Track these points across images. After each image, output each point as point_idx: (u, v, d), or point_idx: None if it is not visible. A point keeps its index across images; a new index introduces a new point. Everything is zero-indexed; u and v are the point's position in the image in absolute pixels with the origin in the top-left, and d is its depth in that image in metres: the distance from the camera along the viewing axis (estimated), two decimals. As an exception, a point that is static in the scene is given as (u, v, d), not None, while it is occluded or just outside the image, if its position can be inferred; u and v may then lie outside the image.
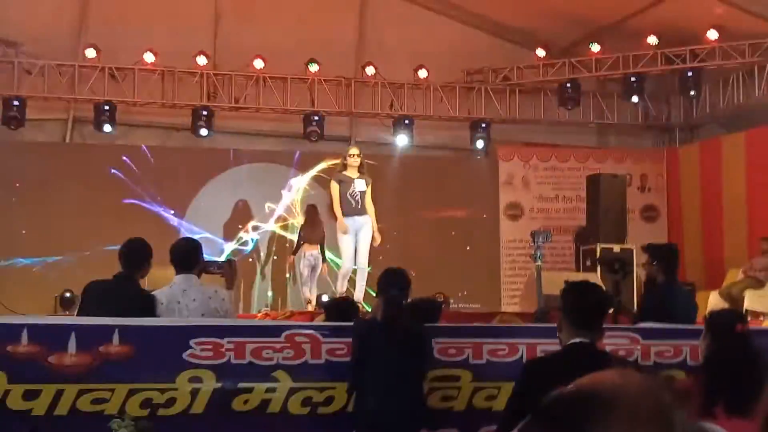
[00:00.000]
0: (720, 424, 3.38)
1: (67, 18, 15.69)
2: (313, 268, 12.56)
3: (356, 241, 10.88)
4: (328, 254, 12.96)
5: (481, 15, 16.79)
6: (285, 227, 16.09)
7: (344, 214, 10.83)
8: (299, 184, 16.23)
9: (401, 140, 16.36)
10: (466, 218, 16.40)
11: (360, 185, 10.87)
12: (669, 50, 15.59)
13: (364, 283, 10.94)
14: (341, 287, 11.11)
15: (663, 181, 16.94)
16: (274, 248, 16.12)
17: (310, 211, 13.29)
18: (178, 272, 6.11)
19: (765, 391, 1.98)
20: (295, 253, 13.03)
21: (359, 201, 10.85)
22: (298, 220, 14.96)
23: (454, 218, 16.23)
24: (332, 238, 11.96)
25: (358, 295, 10.85)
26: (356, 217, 10.86)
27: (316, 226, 12.92)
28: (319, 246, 12.59)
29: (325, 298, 12.27)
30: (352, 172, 10.96)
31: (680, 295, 7.39)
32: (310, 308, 11.99)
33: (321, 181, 15.60)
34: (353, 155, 11.03)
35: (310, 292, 12.57)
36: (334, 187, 11.02)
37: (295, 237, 14.16)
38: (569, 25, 16.28)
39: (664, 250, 7.60)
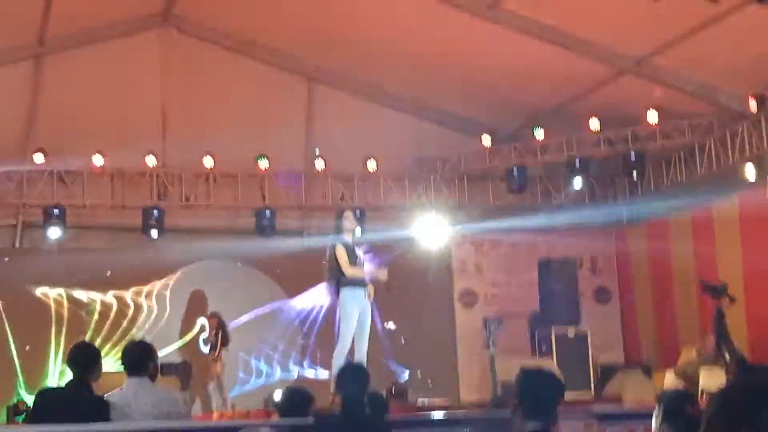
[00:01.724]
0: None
1: (15, 123, 15.67)
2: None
3: (359, 323, 9.52)
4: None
5: (425, 105, 17.06)
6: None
7: (354, 285, 9.51)
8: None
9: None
10: (421, 307, 16.36)
11: (360, 253, 9.72)
12: (611, 133, 15.89)
13: None
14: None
15: (613, 262, 17.10)
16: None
17: (218, 317, 13.95)
18: (129, 375, 6.04)
19: None
20: (216, 359, 13.22)
21: (363, 270, 9.62)
22: None
23: (409, 308, 16.18)
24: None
25: None
26: (366, 288, 9.57)
27: (225, 332, 13.69)
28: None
29: (277, 395, 12.17)
30: (349, 238, 9.76)
31: None
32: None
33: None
34: (348, 218, 9.84)
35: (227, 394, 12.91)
36: (340, 249, 9.57)
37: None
38: (513, 111, 16.58)
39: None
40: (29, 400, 13.00)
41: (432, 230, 16.79)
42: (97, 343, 13.52)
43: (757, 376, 2.44)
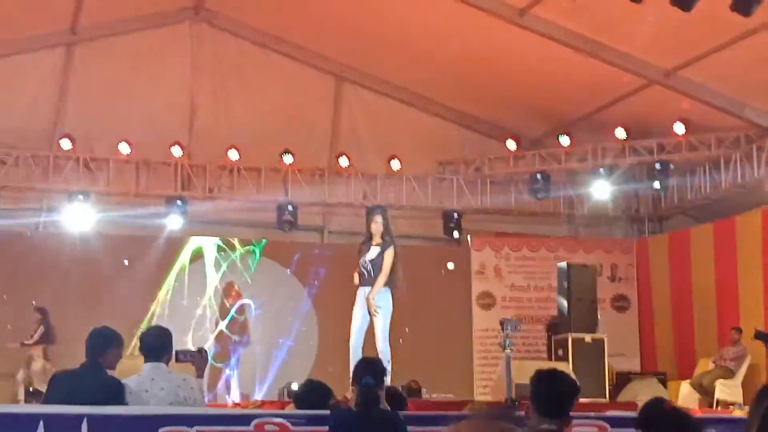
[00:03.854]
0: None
1: (44, 109, 15.82)
2: None
3: (369, 317, 9.77)
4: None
5: (452, 108, 17.11)
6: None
7: (359, 285, 9.86)
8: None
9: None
10: (439, 307, 16.38)
11: (371, 253, 9.83)
12: (637, 143, 15.91)
13: (389, 369, 9.19)
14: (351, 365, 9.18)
15: (633, 271, 17.08)
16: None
17: (43, 312, 14.36)
18: (146, 361, 6.10)
19: None
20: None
21: (370, 271, 9.77)
22: None
23: (427, 307, 16.19)
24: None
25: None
26: (366, 288, 9.81)
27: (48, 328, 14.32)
28: None
29: (294, 386, 12.19)
30: (375, 240, 9.89)
31: None
32: None
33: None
34: (377, 222, 9.90)
35: None
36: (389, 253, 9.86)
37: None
38: (539, 117, 16.61)
39: None
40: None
41: (452, 231, 16.84)
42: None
43: None
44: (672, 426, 4.22)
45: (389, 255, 9.79)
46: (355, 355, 9.49)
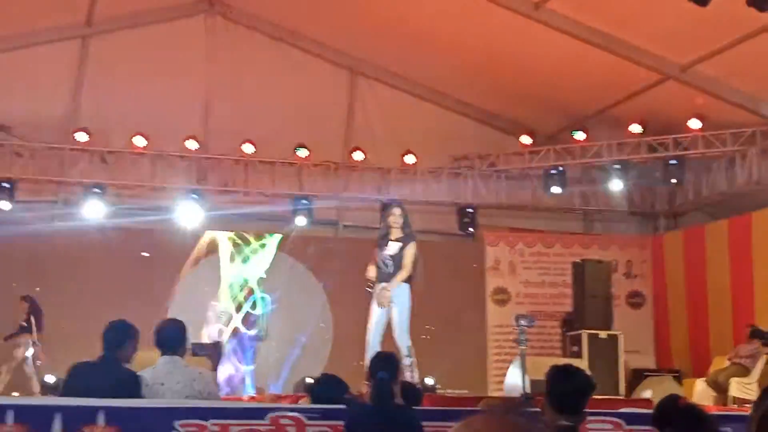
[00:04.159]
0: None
1: (60, 102, 15.87)
2: None
3: (388, 312, 9.79)
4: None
5: (467, 102, 17.08)
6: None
7: (377, 281, 9.84)
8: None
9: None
10: (453, 303, 16.36)
11: (391, 248, 9.82)
12: (652, 138, 15.84)
13: (409, 363, 9.41)
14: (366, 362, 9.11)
15: (648, 267, 17.02)
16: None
17: (30, 300, 14.42)
18: (162, 354, 6.12)
19: None
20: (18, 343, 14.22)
21: (390, 266, 9.76)
22: None
23: (441, 303, 16.18)
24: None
25: (407, 375, 8.94)
26: (384, 284, 9.78)
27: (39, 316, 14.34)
28: None
29: (309, 381, 12.20)
30: (393, 234, 9.90)
31: None
32: None
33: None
34: (395, 215, 9.93)
35: None
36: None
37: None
38: (554, 113, 16.56)
39: None
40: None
41: (467, 227, 16.82)
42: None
43: None
44: (687, 423, 4.22)
45: (411, 250, 9.79)
46: (371, 350, 9.49)
